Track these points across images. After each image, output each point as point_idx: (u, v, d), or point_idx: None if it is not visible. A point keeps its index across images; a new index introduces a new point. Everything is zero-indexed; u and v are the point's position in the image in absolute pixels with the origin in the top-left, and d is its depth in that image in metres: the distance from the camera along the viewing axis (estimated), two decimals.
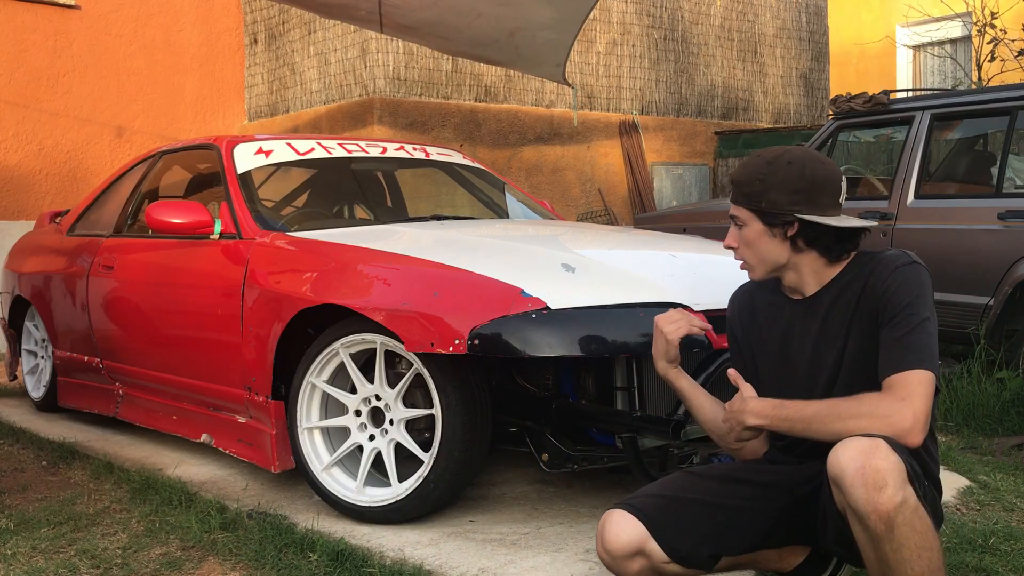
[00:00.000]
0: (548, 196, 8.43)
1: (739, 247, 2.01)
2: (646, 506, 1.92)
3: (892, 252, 1.93)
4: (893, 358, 1.80)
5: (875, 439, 1.68)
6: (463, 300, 2.66)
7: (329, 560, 2.58)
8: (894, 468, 1.64)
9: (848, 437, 1.71)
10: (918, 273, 1.87)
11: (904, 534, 1.65)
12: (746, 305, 2.15)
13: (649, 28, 9.48)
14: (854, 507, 1.66)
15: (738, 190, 1.98)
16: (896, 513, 1.63)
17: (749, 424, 1.86)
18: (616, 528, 1.89)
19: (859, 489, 1.64)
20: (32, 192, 7.95)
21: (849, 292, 1.94)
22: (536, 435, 2.90)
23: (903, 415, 1.73)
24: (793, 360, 2.01)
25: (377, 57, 7.74)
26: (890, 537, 1.65)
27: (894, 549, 1.66)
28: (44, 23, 8.02)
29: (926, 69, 12.62)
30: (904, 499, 1.64)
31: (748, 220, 1.97)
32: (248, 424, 3.38)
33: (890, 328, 1.84)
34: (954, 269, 4.59)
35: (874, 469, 1.63)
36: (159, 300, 3.79)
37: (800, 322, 2.00)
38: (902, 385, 1.77)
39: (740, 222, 1.99)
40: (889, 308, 1.85)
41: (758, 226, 1.96)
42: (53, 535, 2.94)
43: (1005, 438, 3.92)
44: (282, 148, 4.04)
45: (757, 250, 1.98)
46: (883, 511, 1.63)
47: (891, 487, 1.63)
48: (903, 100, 5.42)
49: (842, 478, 1.67)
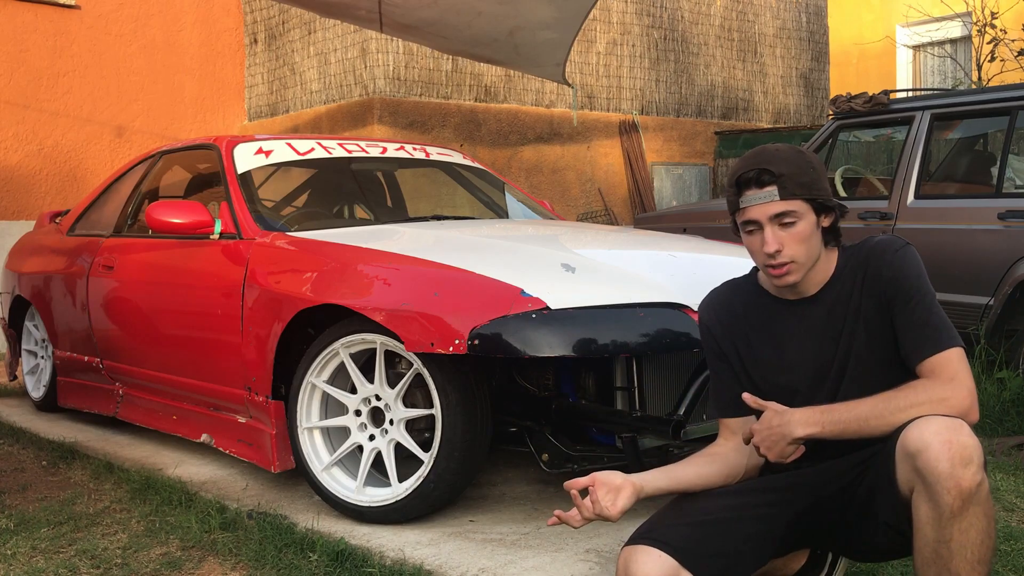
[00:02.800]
0: (548, 196, 8.43)
1: (786, 247, 1.85)
2: (671, 537, 1.78)
3: (881, 238, 1.92)
4: (926, 339, 1.80)
5: (957, 419, 1.67)
6: (463, 300, 2.66)
7: (329, 560, 2.58)
8: (978, 448, 1.64)
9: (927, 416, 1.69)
10: (915, 254, 1.89)
11: (976, 515, 1.64)
12: (725, 310, 2.05)
13: (649, 28, 9.48)
14: (935, 480, 1.63)
15: (792, 181, 1.83)
16: (976, 492, 1.62)
17: (798, 436, 1.78)
18: (645, 567, 1.74)
19: (944, 463, 1.62)
20: (32, 192, 7.95)
21: (847, 284, 1.92)
22: (536, 435, 2.90)
23: (960, 395, 1.74)
24: (793, 362, 1.96)
25: (377, 57, 7.74)
26: (963, 516, 1.63)
27: (962, 530, 1.64)
28: (44, 23, 8.02)
29: (926, 69, 12.62)
30: (983, 480, 1.64)
31: (805, 213, 1.85)
32: (248, 424, 3.38)
33: (909, 310, 1.82)
34: (954, 269, 4.59)
35: (961, 445, 1.62)
36: (159, 300, 3.79)
37: (800, 323, 1.96)
38: (945, 365, 1.77)
39: (794, 217, 1.84)
40: (902, 291, 1.83)
41: (812, 218, 1.86)
42: (53, 535, 2.94)
43: (1005, 438, 3.92)
44: (282, 148, 4.04)
45: (810, 246, 1.87)
46: (965, 487, 1.61)
47: (975, 465, 1.62)
48: (903, 100, 5.42)
49: (926, 451, 1.63)
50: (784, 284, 1.90)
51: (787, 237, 1.85)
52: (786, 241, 1.85)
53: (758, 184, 1.85)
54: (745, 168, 1.87)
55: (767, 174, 1.84)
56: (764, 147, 1.91)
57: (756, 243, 1.89)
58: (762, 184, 1.84)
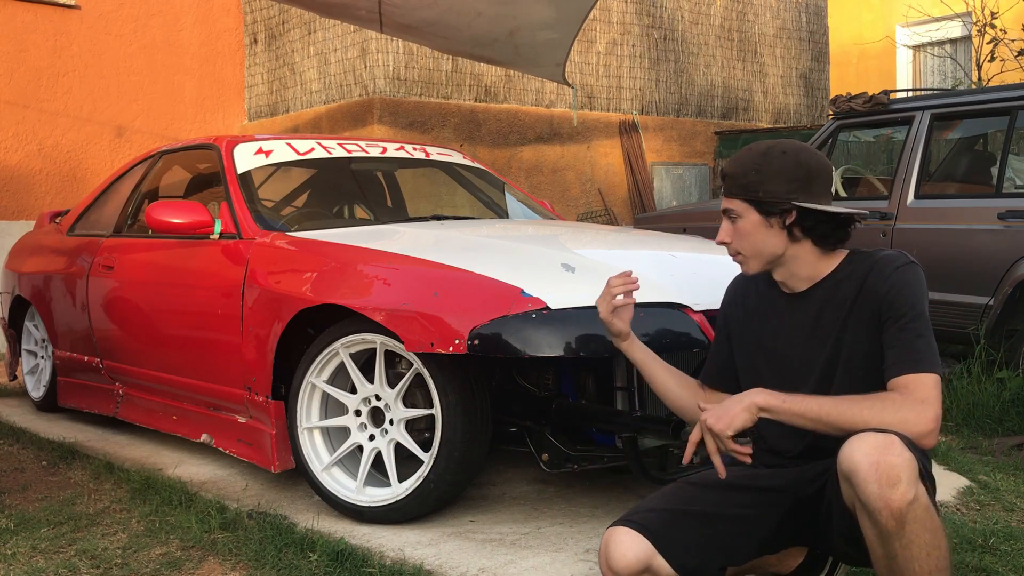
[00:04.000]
0: (548, 196, 8.43)
1: (733, 240, 2.00)
2: (650, 521, 1.86)
3: (889, 252, 1.93)
4: (905, 359, 1.81)
5: (889, 435, 1.67)
6: (463, 300, 2.66)
7: (329, 560, 2.58)
8: (907, 465, 1.64)
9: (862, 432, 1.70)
10: (918, 274, 1.89)
11: (915, 531, 1.64)
12: (740, 296, 2.15)
13: (649, 28, 9.48)
14: (866, 502, 1.65)
15: (733, 182, 1.97)
16: (908, 510, 1.63)
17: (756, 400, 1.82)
18: (621, 547, 1.83)
19: (872, 485, 1.63)
20: (32, 192, 7.95)
21: (844, 290, 1.93)
22: (536, 435, 2.90)
23: (926, 417, 1.74)
24: (785, 354, 2.01)
25: (377, 57, 7.74)
26: (900, 534, 1.64)
27: (904, 546, 1.65)
28: (44, 23, 8.01)
29: (926, 69, 12.62)
30: (916, 496, 1.63)
31: (744, 211, 1.96)
32: (248, 424, 3.38)
33: (898, 328, 1.83)
34: (954, 269, 4.59)
35: (888, 465, 1.63)
36: (159, 300, 3.79)
37: (792, 317, 2.01)
38: (919, 387, 1.77)
39: (735, 215, 1.98)
40: (895, 308, 1.85)
41: (755, 217, 1.95)
42: (53, 535, 2.94)
43: (1005, 438, 3.92)
44: (282, 148, 4.04)
45: (754, 242, 1.97)
46: (895, 507, 1.62)
47: (904, 483, 1.63)
48: (903, 100, 5.42)
49: (855, 473, 1.66)
50: (744, 272, 2.05)
51: (733, 231, 2.00)
52: (732, 235, 2.00)
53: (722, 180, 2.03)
54: None
55: (722, 173, 2.02)
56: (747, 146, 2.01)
57: None
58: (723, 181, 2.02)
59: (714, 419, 1.84)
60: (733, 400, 1.85)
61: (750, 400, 1.84)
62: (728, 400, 1.87)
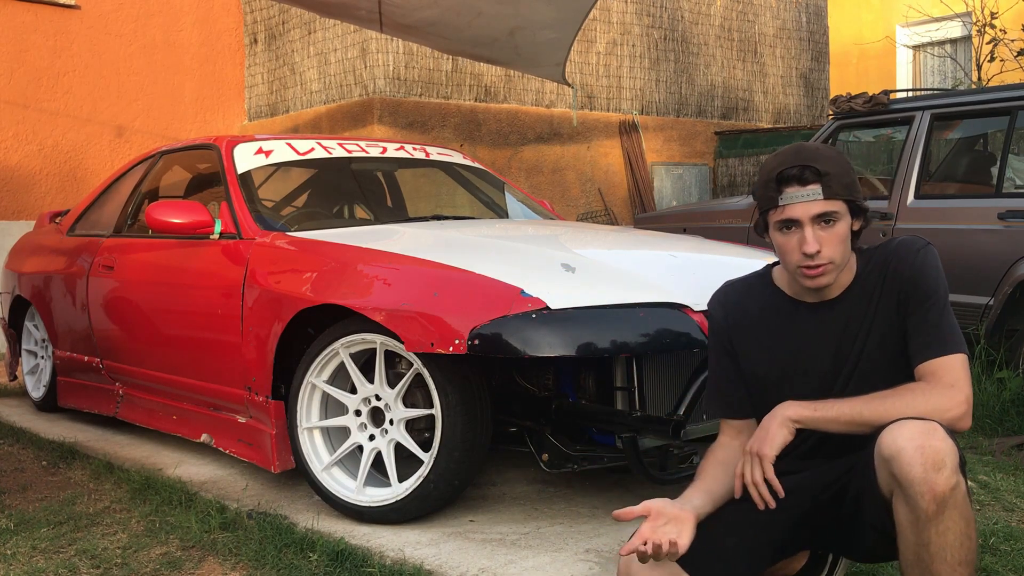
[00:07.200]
0: (548, 196, 8.43)
1: (825, 248, 1.82)
2: None
3: (905, 237, 1.92)
4: (931, 343, 1.80)
5: (931, 422, 1.68)
6: (463, 300, 2.66)
7: (329, 560, 2.58)
8: (951, 451, 1.65)
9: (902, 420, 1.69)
10: (935, 255, 1.87)
11: (953, 518, 1.64)
12: (740, 309, 2.03)
13: (649, 28, 9.48)
14: (909, 485, 1.64)
15: (836, 181, 1.79)
16: (950, 495, 1.63)
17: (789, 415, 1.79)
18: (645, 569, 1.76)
19: (917, 468, 1.63)
20: (32, 192, 7.95)
21: (867, 286, 1.90)
22: (536, 435, 2.90)
23: (957, 400, 1.75)
24: (807, 366, 1.94)
25: (377, 57, 7.74)
26: (939, 519, 1.64)
27: (940, 533, 1.65)
28: (44, 23, 8.01)
29: (926, 69, 12.62)
30: (958, 483, 1.64)
31: (844, 215, 1.82)
32: (248, 424, 3.38)
33: (923, 311, 1.82)
34: (954, 269, 4.58)
35: (934, 449, 1.63)
36: (159, 300, 3.79)
37: (819, 326, 1.93)
38: (948, 370, 1.77)
39: (835, 218, 1.81)
40: (919, 291, 1.83)
41: (849, 220, 1.84)
42: (53, 535, 2.94)
43: (1005, 438, 3.92)
44: (282, 148, 4.04)
45: (846, 248, 1.85)
46: (939, 491, 1.62)
47: (948, 468, 1.63)
48: (903, 100, 5.42)
49: (899, 456, 1.65)
50: (818, 285, 1.86)
51: (826, 237, 1.81)
52: (825, 241, 1.81)
53: (801, 182, 1.80)
54: (787, 164, 1.82)
55: (811, 172, 1.79)
56: (803, 144, 1.87)
57: (792, 242, 1.84)
58: (805, 182, 1.80)
59: (758, 444, 1.82)
60: (766, 419, 1.83)
61: (783, 415, 1.81)
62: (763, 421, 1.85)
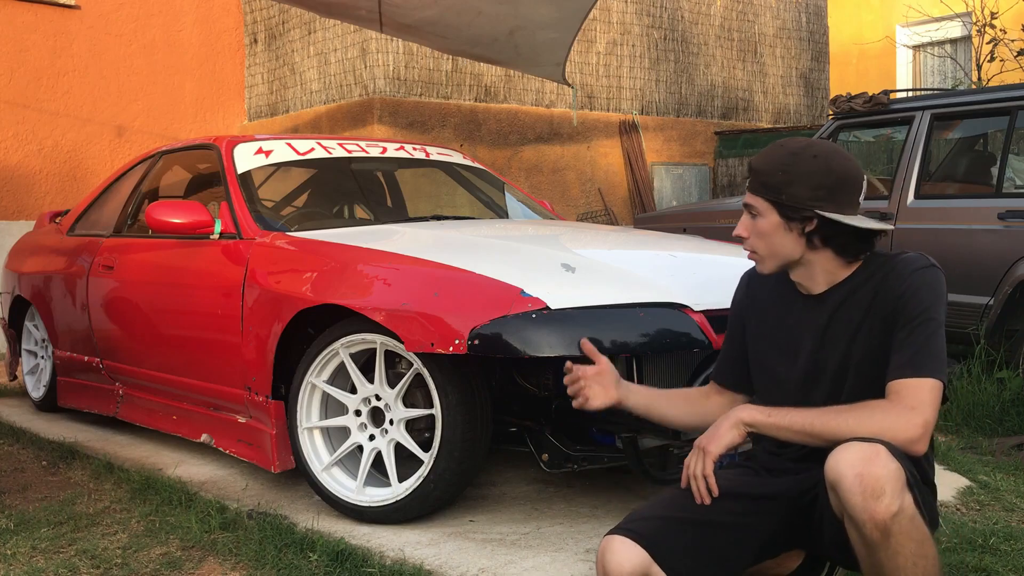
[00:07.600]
0: (548, 196, 8.43)
1: (750, 237, 1.93)
2: (646, 530, 1.82)
3: (910, 254, 1.89)
4: (907, 363, 1.77)
5: (875, 445, 1.66)
6: (463, 300, 2.66)
7: (329, 560, 2.58)
8: (893, 475, 1.62)
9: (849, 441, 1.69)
10: (937, 277, 1.84)
11: (900, 542, 1.64)
12: (758, 284, 2.10)
13: (649, 28, 9.48)
14: (850, 514, 1.65)
15: (757, 179, 1.90)
16: (892, 522, 1.62)
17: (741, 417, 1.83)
18: (618, 556, 1.79)
19: (856, 496, 1.62)
20: (32, 192, 7.95)
21: (861, 293, 1.89)
22: (536, 435, 2.89)
23: (913, 424, 1.72)
24: (795, 353, 1.97)
25: (377, 57, 7.74)
26: (886, 545, 1.64)
27: (889, 557, 1.65)
28: (44, 23, 8.01)
29: (926, 69, 12.62)
30: (901, 508, 1.62)
31: (765, 211, 1.89)
32: (248, 424, 3.38)
33: (906, 331, 1.80)
34: (954, 269, 4.59)
35: (872, 477, 1.62)
36: (159, 300, 3.79)
37: (805, 317, 1.96)
38: (913, 392, 1.74)
39: (755, 212, 1.91)
40: (907, 311, 1.81)
41: (775, 218, 1.89)
42: (53, 535, 2.94)
43: (1005, 438, 3.92)
44: (282, 148, 4.04)
45: (770, 243, 1.91)
46: (879, 519, 1.62)
47: (888, 495, 1.61)
48: (903, 100, 5.42)
49: (839, 484, 1.65)
50: (759, 271, 2.00)
51: (752, 227, 1.93)
52: (751, 231, 1.93)
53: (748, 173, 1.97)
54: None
55: (749, 166, 1.95)
56: (779, 142, 1.94)
57: None
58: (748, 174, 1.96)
59: (706, 440, 1.85)
60: (721, 418, 1.86)
61: (736, 417, 1.84)
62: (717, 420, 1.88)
